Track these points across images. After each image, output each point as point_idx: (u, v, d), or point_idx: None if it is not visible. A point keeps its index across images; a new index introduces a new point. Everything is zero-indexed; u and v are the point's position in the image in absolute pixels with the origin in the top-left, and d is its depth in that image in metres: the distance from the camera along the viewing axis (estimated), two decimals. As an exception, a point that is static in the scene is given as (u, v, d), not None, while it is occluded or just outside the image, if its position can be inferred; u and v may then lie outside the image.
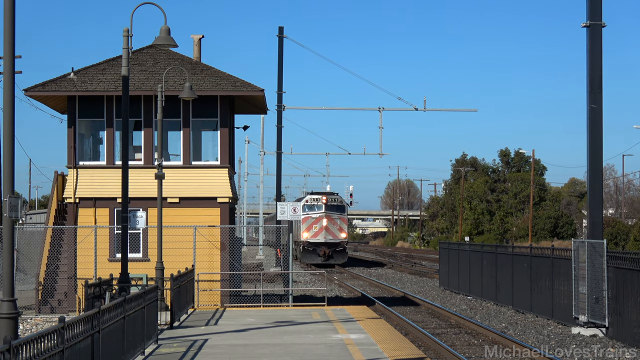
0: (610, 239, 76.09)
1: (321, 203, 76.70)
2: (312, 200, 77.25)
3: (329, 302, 35.56)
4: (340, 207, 77.80)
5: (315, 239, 75.93)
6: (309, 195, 79.66)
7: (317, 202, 76.90)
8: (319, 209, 76.64)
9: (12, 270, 16.13)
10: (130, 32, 23.45)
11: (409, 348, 22.55)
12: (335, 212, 76.95)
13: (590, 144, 30.46)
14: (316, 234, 76.08)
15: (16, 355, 11.01)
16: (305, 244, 76.60)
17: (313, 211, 76.44)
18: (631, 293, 26.55)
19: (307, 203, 76.71)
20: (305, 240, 76.51)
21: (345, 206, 78.91)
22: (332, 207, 76.85)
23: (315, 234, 76.09)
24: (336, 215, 76.83)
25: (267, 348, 22.18)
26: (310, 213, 76.11)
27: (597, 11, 30.04)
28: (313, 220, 76.02)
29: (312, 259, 76.20)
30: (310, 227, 76.22)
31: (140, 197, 33.17)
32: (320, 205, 76.67)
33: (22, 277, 45.47)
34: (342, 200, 79.52)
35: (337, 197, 78.47)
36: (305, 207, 74.59)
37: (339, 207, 77.63)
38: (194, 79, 34.58)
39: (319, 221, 76.07)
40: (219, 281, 34.59)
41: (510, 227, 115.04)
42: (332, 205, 76.95)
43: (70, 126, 34.68)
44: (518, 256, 38.12)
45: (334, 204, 77.28)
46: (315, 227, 75.97)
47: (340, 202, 78.04)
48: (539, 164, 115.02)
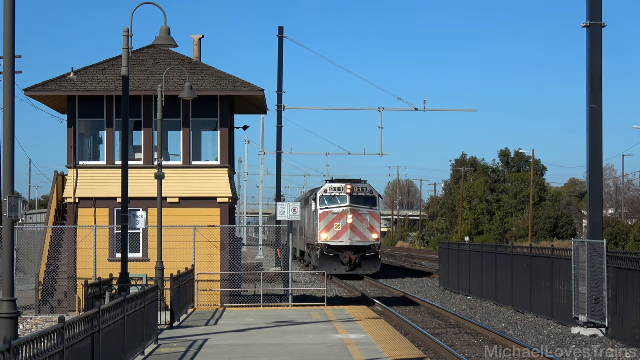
0: (610, 239, 76.10)
1: (345, 193, 59.02)
2: (332, 190, 59.41)
3: (329, 302, 35.56)
4: (370, 198, 59.72)
5: (338, 241, 58.27)
6: (329, 183, 60.59)
7: (339, 192, 59.24)
8: (342, 201, 59.05)
9: (12, 270, 16.13)
10: (130, 32, 23.46)
11: (409, 348, 22.55)
12: (364, 206, 59.18)
13: (590, 144, 30.46)
14: (339, 234, 58.47)
15: (16, 355, 11.01)
16: (323, 248, 58.40)
17: (334, 204, 59.04)
18: (631, 293, 26.55)
19: (327, 194, 59.50)
20: (324, 243, 58.32)
21: (376, 198, 60.10)
22: (360, 199, 59.22)
23: (338, 234, 58.48)
24: (365, 209, 59.02)
25: (267, 348, 22.19)
26: (330, 207, 58.94)
27: (597, 11, 30.04)
28: (334, 217, 58.48)
29: (333, 268, 57.75)
30: (330, 226, 58.64)
31: (140, 197, 33.17)
32: (344, 196, 59.06)
33: (22, 277, 45.46)
34: (373, 189, 60.20)
35: (366, 186, 60.01)
36: (323, 199, 59.32)
37: (368, 198, 59.65)
38: (194, 79, 34.58)
39: (343, 217, 58.45)
40: (219, 281, 34.59)
41: (510, 227, 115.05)
42: (360, 197, 59.26)
43: (70, 126, 34.68)
44: (518, 256, 38.12)
45: (362, 194, 59.38)
46: (338, 225, 58.58)
47: (370, 193, 59.70)
48: (539, 164, 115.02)
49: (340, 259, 58.14)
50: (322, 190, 60.11)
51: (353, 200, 58.84)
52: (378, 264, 59.08)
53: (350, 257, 57.98)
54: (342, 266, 58.06)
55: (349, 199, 58.87)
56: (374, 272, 59.09)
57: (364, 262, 58.39)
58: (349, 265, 58.06)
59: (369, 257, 58.62)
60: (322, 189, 60.61)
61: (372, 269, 58.77)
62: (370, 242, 58.67)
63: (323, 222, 58.71)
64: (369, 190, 59.77)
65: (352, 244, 58.28)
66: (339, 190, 59.30)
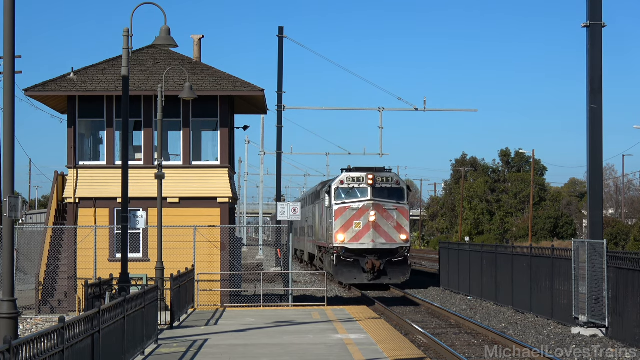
0: (610, 239, 76.13)
1: (366, 185, 49.27)
2: (350, 181, 49.74)
3: (329, 302, 35.57)
4: (396, 191, 49.79)
5: (358, 243, 48.67)
6: (346, 172, 50.56)
7: (359, 183, 49.44)
8: (362, 194, 49.33)
9: (12, 270, 16.13)
10: (130, 32, 23.46)
11: (409, 348, 22.55)
12: (390, 200, 49.38)
13: (590, 144, 30.46)
14: (359, 235, 48.77)
15: (16, 355, 11.01)
16: (340, 251, 48.90)
17: (353, 198, 49.44)
18: (631, 293, 26.55)
19: (343, 185, 49.87)
20: (341, 246, 48.84)
21: (404, 190, 50.13)
22: (384, 191, 49.55)
23: (358, 235, 48.79)
24: (391, 203, 49.23)
25: (267, 348, 22.19)
26: (348, 201, 49.35)
27: (597, 11, 30.04)
28: (353, 213, 48.91)
29: (352, 276, 48.89)
30: (348, 224, 49.01)
31: (140, 197, 33.17)
32: (365, 188, 49.29)
33: (22, 277, 45.47)
34: (400, 179, 50.83)
35: (392, 175, 50.36)
36: (339, 192, 49.76)
37: (394, 190, 49.77)
38: (194, 79, 34.58)
39: (364, 214, 48.79)
40: (219, 281, 34.60)
41: (510, 227, 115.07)
42: (384, 189, 49.59)
43: (70, 126, 34.69)
44: (518, 256, 38.12)
45: (387, 185, 49.67)
46: (357, 224, 48.83)
47: (396, 184, 50.00)
48: (539, 164, 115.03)
49: (360, 265, 48.47)
50: (337, 181, 49.92)
51: (376, 193, 49.08)
52: (407, 271, 49.18)
53: (374, 263, 48.14)
54: (363, 274, 48.31)
55: (370, 191, 48.95)
56: (403, 280, 49.11)
57: (390, 269, 48.66)
58: (372, 273, 48.21)
59: (396, 262, 48.66)
60: (337, 179, 50.24)
61: (399, 277, 48.85)
62: (398, 244, 48.79)
63: (339, 220, 48.74)
64: (395, 181, 49.89)
65: (375, 247, 48.38)
66: (358, 181, 49.30)
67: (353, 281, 48.73)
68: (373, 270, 48.30)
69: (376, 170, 50.34)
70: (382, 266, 48.41)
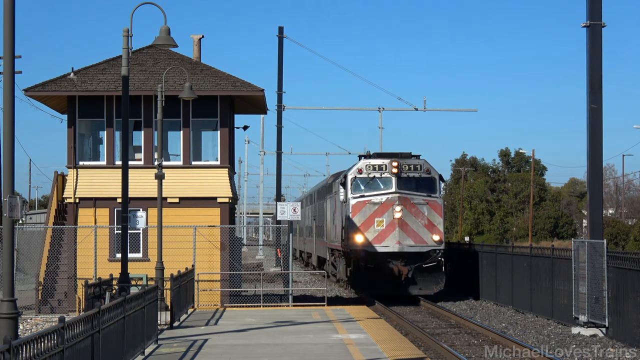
0: (610, 239, 76.14)
1: (389, 174, 40.84)
2: (370, 169, 41.21)
3: (329, 302, 35.57)
4: (426, 181, 41.34)
5: (381, 245, 40.06)
6: (365, 159, 42.00)
7: (381, 172, 41.00)
8: (385, 185, 41.01)
9: (12, 270, 16.13)
10: (130, 32, 23.47)
11: (409, 348, 22.56)
12: (419, 192, 40.92)
13: (590, 144, 30.47)
14: (382, 235, 40.19)
15: (16, 355, 11.02)
16: (359, 255, 40.28)
17: (374, 190, 41.00)
18: (631, 293, 26.55)
19: (362, 175, 41.30)
20: (360, 249, 40.11)
21: (435, 180, 41.62)
22: (412, 182, 41.15)
23: (381, 235, 40.20)
24: (420, 197, 40.73)
25: (267, 348, 22.19)
26: (368, 194, 40.86)
27: (597, 11, 30.05)
28: (375, 209, 40.41)
29: (373, 286, 40.52)
30: (369, 222, 40.36)
31: (140, 197, 33.19)
32: (389, 178, 40.93)
33: (22, 277, 45.49)
34: (431, 167, 41.64)
35: (421, 163, 41.47)
36: (357, 184, 41.35)
37: (424, 181, 41.31)
38: (194, 79, 34.59)
39: (388, 210, 40.19)
40: (219, 281, 34.62)
41: (510, 227, 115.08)
42: (412, 179, 41.12)
43: (70, 126, 34.71)
44: (518, 256, 38.11)
45: (416, 174, 41.10)
46: (380, 221, 40.31)
47: (427, 172, 41.31)
48: (539, 164, 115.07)
49: (384, 272, 40.00)
50: (354, 170, 41.53)
51: (402, 184, 40.87)
52: (441, 279, 40.72)
53: (400, 270, 39.89)
54: (388, 283, 40.14)
55: (395, 182, 40.70)
56: (436, 291, 40.83)
57: (420, 277, 40.41)
58: (398, 282, 40.09)
59: (427, 268, 40.30)
60: (354, 168, 41.77)
61: (432, 287, 40.57)
62: (430, 246, 40.20)
63: (358, 218, 40.29)
64: (425, 169, 41.18)
65: (402, 250, 40.03)
66: (380, 170, 41.00)
67: (375, 292, 40.47)
68: (399, 278, 40.02)
69: (402, 156, 41.72)
70: (410, 273, 40.04)
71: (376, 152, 43.11)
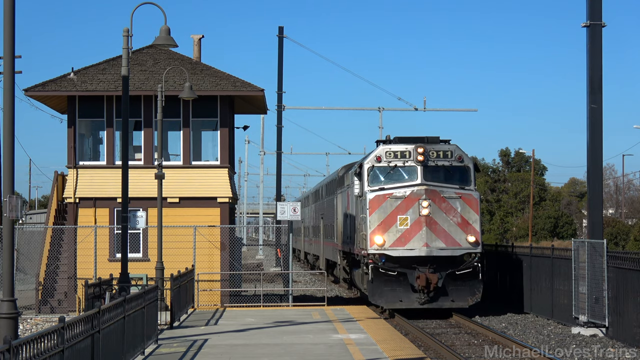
0: (610, 239, 76.12)
1: (414, 162, 34.01)
2: (391, 157, 34.39)
3: (329, 302, 35.57)
4: (459, 171, 34.54)
5: (404, 248, 33.27)
6: (384, 145, 35.15)
7: (404, 159, 34.19)
8: (410, 175, 34.15)
9: (12, 270, 16.14)
10: (130, 32, 23.47)
11: (409, 348, 22.56)
12: (450, 184, 34.17)
13: (590, 144, 30.47)
14: (405, 236, 33.35)
15: (16, 355, 11.02)
16: (377, 261, 33.47)
17: (396, 182, 34.17)
18: (631, 293, 26.55)
19: (381, 164, 34.45)
20: (379, 252, 33.46)
21: (469, 170, 34.66)
22: (442, 172, 34.41)
23: (404, 236, 33.35)
24: (452, 189, 33.92)
25: (267, 348, 22.20)
26: (388, 186, 34.05)
27: (597, 11, 30.05)
28: (397, 205, 33.50)
29: (395, 297, 33.60)
30: (390, 221, 33.50)
31: (140, 197, 33.20)
32: (413, 167, 34.08)
33: (22, 277, 45.48)
34: (463, 154, 34.72)
35: (453, 149, 34.65)
36: (376, 174, 34.57)
37: (456, 171, 34.52)
38: (194, 79, 34.60)
39: (412, 206, 33.36)
40: (219, 281, 34.63)
41: (510, 227, 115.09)
42: (442, 168, 34.37)
43: (70, 126, 34.72)
44: (517, 256, 38.07)
45: (446, 162, 34.39)
46: (403, 219, 33.37)
47: (459, 160, 34.50)
48: (539, 164, 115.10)
49: (408, 281, 33.46)
50: (372, 158, 34.73)
51: (429, 174, 34.15)
52: (478, 288, 33.80)
53: (428, 278, 33.10)
54: (413, 294, 33.48)
55: (421, 171, 33.98)
56: (472, 303, 33.99)
57: (452, 286, 33.68)
58: (426, 293, 33.30)
59: (461, 276, 33.63)
60: (372, 155, 35.04)
61: (466, 299, 33.78)
62: (464, 249, 33.58)
63: (376, 215, 33.54)
64: (456, 156, 34.48)
65: (430, 254, 33.21)
66: (402, 157, 34.26)
67: (397, 305, 33.66)
68: (427, 288, 33.18)
69: (429, 140, 34.79)
70: (440, 282, 33.31)
71: (397, 136, 35.33)
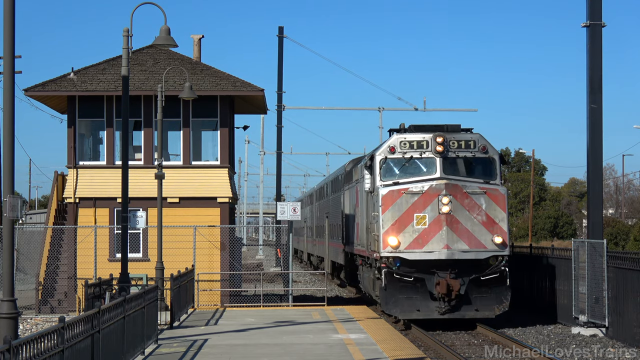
0: (610, 239, 76.11)
1: (432, 154, 30.23)
2: (407, 147, 30.52)
3: (329, 302, 35.57)
4: (483, 163, 30.75)
5: (422, 250, 29.52)
6: (399, 134, 31.17)
7: (421, 150, 30.36)
8: (428, 167, 30.41)
9: (12, 270, 16.13)
10: (130, 32, 23.47)
11: (409, 348, 22.56)
12: (472, 177, 30.39)
13: (590, 144, 30.48)
14: (423, 237, 29.61)
15: (16, 355, 11.02)
16: (391, 264, 29.66)
17: (412, 175, 30.40)
18: (631, 293, 26.55)
19: (395, 155, 30.61)
20: (393, 255, 29.59)
21: (494, 162, 30.72)
22: (463, 164, 30.57)
23: (421, 237, 29.62)
24: (476, 184, 30.13)
25: (267, 348, 22.19)
26: (403, 181, 30.31)
27: (597, 11, 30.06)
28: (413, 201, 29.73)
29: (412, 306, 29.85)
30: (405, 219, 29.78)
31: (140, 197, 33.20)
32: (431, 159, 30.31)
33: (22, 277, 45.48)
34: (488, 145, 30.79)
35: (475, 138, 30.68)
36: (390, 167, 30.74)
37: (480, 163, 30.75)
38: (194, 79, 34.60)
39: (431, 202, 29.61)
40: (219, 281, 34.63)
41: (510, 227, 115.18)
42: (464, 160, 30.53)
43: (70, 126, 34.72)
44: (517, 256, 38.08)
45: (468, 154, 30.52)
46: (421, 218, 29.71)
47: (483, 151, 30.62)
48: (539, 164, 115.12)
49: (426, 287, 29.75)
50: (385, 149, 30.90)
51: (450, 167, 30.35)
52: (506, 295, 29.96)
53: (449, 284, 29.33)
54: (432, 302, 29.70)
55: (441, 163, 30.14)
56: (498, 312, 30.14)
57: (475, 293, 29.84)
58: (446, 301, 29.49)
59: (486, 282, 29.79)
60: (385, 146, 31.15)
61: (492, 307, 29.98)
62: (490, 251, 29.73)
63: (390, 213, 29.82)
64: (480, 146, 30.58)
65: (451, 257, 29.41)
66: (419, 148, 30.42)
67: (414, 315, 29.94)
68: (448, 295, 29.38)
69: (448, 129, 30.88)
70: (462, 289, 29.47)
71: (413, 124, 31.55)
